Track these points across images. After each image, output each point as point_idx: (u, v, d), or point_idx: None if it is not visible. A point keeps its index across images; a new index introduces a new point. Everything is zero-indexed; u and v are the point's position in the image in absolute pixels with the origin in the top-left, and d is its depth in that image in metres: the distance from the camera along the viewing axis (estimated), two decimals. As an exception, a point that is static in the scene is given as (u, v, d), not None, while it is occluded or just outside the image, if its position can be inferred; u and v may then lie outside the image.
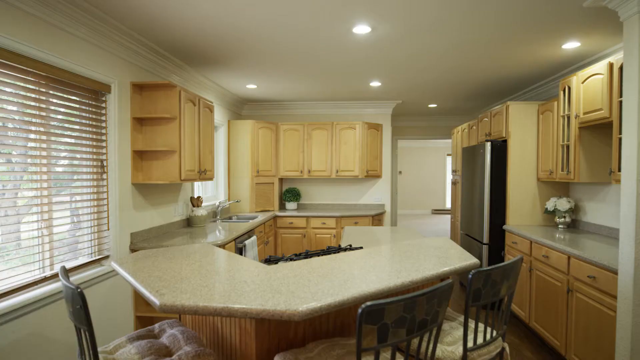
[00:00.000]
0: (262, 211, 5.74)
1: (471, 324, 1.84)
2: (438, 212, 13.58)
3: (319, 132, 5.91)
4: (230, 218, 5.11)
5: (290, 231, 5.65)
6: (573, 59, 3.74)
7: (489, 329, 1.75)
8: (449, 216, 13.00)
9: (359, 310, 1.11)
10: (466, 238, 5.17)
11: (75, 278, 2.61)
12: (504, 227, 4.31)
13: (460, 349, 1.61)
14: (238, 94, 5.57)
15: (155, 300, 1.35)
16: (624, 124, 2.34)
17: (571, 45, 3.31)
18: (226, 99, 5.49)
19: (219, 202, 5.01)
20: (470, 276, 1.49)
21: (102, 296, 2.85)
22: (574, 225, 4.07)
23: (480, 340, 1.67)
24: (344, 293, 1.41)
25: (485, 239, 4.44)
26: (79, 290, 1.26)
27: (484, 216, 4.45)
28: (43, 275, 2.44)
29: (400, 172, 13.76)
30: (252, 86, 5.00)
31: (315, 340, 1.73)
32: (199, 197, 4.28)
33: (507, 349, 1.78)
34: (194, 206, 4.23)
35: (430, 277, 1.69)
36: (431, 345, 1.49)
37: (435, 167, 13.69)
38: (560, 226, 4.03)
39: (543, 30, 2.97)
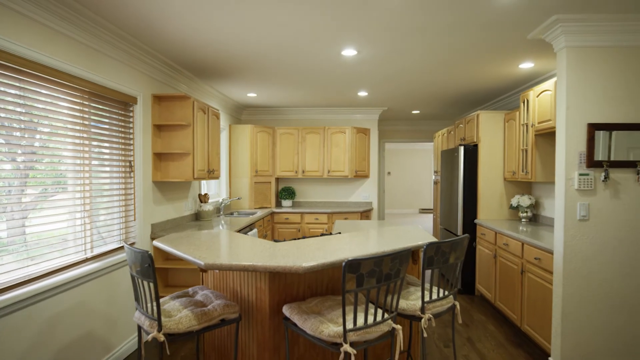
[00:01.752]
0: (260, 208, 6.28)
1: (433, 289, 2.40)
2: (425, 211, 14.21)
3: (312, 135, 6.46)
4: (231, 214, 5.64)
5: (286, 226, 6.20)
6: (530, 76, 4.35)
7: (441, 290, 2.32)
8: (435, 215, 13.60)
9: (343, 263, 1.66)
10: (444, 232, 5.76)
11: (109, 260, 3.12)
12: (475, 221, 4.90)
13: (420, 303, 2.17)
14: (239, 101, 6.11)
15: (200, 262, 1.89)
16: (557, 136, 2.94)
17: (526, 65, 3.91)
18: (228, 105, 6.02)
19: (222, 199, 5.53)
20: (425, 247, 2.06)
21: (127, 277, 3.37)
22: (535, 219, 4.68)
23: (435, 296, 2.24)
24: (334, 257, 1.96)
25: (460, 232, 5.03)
26: (148, 253, 1.80)
27: (458, 212, 5.05)
28: (85, 256, 2.96)
29: (389, 173, 14.37)
30: (252, 94, 5.54)
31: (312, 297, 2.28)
32: (205, 194, 4.80)
33: (458, 305, 2.35)
34: (201, 202, 4.76)
35: (397, 250, 2.24)
36: (395, 297, 2.04)
37: (423, 168, 14.31)
38: (523, 220, 4.63)
39: (501, 53, 3.56)
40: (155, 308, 1.95)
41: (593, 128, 2.80)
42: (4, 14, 2.14)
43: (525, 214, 4.60)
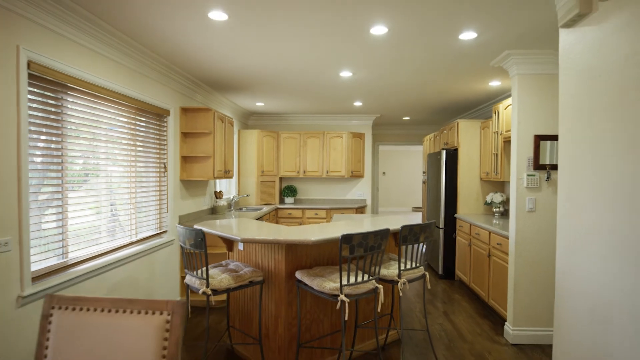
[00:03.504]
0: (265, 204, 6.99)
1: (408, 262, 3.12)
2: (418, 209, 14.95)
3: (312, 139, 7.19)
4: (241, 209, 6.35)
5: (289, 220, 6.92)
6: (499, 92, 5.09)
7: (414, 263, 3.04)
8: (427, 213, 14.29)
9: (340, 236, 2.38)
10: (430, 226, 6.48)
11: (149, 244, 3.82)
12: (455, 215, 5.63)
13: (397, 271, 2.90)
14: (247, 109, 6.82)
15: (237, 237, 2.60)
16: (511, 144, 3.66)
17: (495, 83, 4.65)
18: (237, 112, 6.74)
19: (233, 196, 6.25)
20: (400, 228, 2.78)
21: (161, 258, 4.08)
22: (506, 213, 5.41)
23: (409, 266, 2.96)
24: (333, 235, 2.68)
25: (442, 225, 5.76)
26: (201, 230, 2.51)
27: (441, 208, 5.78)
28: (130, 240, 3.66)
29: (384, 173, 15.09)
30: (260, 104, 6.26)
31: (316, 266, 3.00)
32: (220, 191, 5.51)
33: (427, 275, 3.08)
34: (217, 198, 5.47)
35: (379, 230, 2.97)
36: (378, 266, 2.76)
37: (416, 169, 15.04)
38: (496, 214, 5.36)
39: (473, 75, 4.29)
40: (204, 272, 2.66)
41: (538, 138, 3.53)
42: (83, 53, 2.85)
43: (497, 209, 5.33)
